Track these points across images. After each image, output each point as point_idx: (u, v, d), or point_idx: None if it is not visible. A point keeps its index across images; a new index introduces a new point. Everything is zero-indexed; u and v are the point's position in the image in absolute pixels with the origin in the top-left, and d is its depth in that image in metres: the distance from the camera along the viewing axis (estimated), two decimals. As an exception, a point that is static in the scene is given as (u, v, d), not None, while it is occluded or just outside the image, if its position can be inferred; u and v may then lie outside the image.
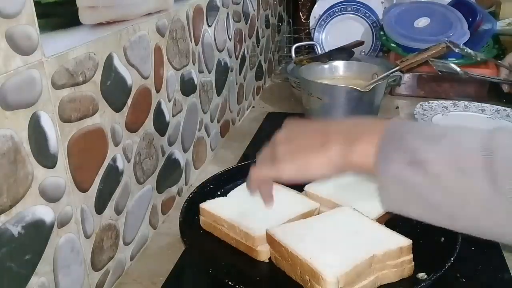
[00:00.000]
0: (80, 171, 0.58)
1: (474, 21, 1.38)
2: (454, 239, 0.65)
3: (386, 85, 1.10)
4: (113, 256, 0.68)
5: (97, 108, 0.61)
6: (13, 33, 0.46)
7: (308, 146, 0.58)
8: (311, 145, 0.58)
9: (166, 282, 0.69)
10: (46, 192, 0.52)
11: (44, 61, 0.50)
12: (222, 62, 1.07)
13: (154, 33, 0.74)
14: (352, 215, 0.67)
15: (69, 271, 0.58)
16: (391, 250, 0.59)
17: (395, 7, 1.47)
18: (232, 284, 0.57)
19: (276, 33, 1.61)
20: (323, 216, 0.69)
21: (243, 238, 0.66)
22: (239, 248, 0.67)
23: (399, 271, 0.60)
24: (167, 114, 0.81)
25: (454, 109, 1.25)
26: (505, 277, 0.69)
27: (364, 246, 0.59)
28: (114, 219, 0.67)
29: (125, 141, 0.68)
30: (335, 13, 1.57)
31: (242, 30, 1.21)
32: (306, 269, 0.57)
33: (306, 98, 1.09)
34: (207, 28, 0.97)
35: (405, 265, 0.60)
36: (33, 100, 0.49)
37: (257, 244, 0.65)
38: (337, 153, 0.55)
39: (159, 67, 0.77)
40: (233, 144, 1.13)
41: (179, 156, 0.88)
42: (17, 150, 0.48)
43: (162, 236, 0.80)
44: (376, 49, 1.56)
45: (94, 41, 0.59)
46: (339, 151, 0.55)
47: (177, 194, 0.89)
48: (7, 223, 0.47)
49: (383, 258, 0.59)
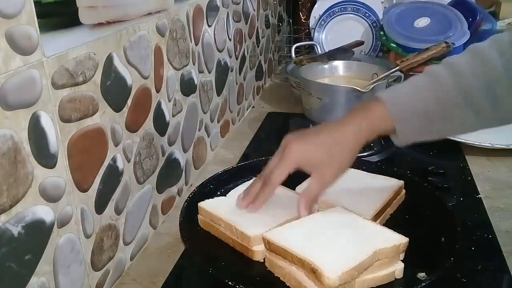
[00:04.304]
0: (80, 171, 0.58)
1: (474, 21, 1.38)
2: (454, 239, 0.65)
3: (386, 85, 1.10)
4: (113, 256, 0.68)
5: (97, 108, 0.61)
6: (13, 33, 0.46)
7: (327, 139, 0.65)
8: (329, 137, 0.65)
9: (166, 282, 0.69)
10: (46, 192, 0.52)
11: (44, 61, 0.50)
12: (222, 62, 1.07)
13: (154, 33, 0.74)
14: (345, 214, 0.68)
15: (69, 271, 0.58)
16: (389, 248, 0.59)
17: (395, 7, 1.47)
18: (232, 284, 0.57)
19: (276, 33, 1.61)
20: (315, 216, 0.68)
21: (239, 237, 0.66)
22: (235, 247, 0.67)
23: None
24: (167, 114, 0.81)
25: (454, 109, 1.25)
26: (505, 277, 0.69)
27: (364, 244, 0.59)
28: (114, 219, 0.67)
29: (125, 141, 0.68)
30: (335, 13, 1.57)
31: (242, 30, 1.21)
32: (308, 269, 0.57)
33: (306, 98, 1.09)
34: (207, 28, 0.97)
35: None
36: (33, 100, 0.49)
37: (253, 244, 0.65)
38: (356, 128, 0.64)
39: (159, 67, 0.77)
40: (233, 144, 1.13)
41: (179, 156, 0.88)
42: (17, 150, 0.48)
43: (162, 236, 0.80)
44: (376, 49, 1.56)
45: (94, 41, 0.59)
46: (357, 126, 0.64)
47: (177, 194, 0.89)
48: (7, 223, 0.47)
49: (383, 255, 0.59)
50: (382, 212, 0.72)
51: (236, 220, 0.67)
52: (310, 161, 0.65)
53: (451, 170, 0.96)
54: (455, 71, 0.62)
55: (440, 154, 1.04)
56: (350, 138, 0.64)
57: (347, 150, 0.65)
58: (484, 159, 1.02)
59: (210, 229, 0.71)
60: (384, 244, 0.59)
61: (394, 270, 0.60)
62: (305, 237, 0.62)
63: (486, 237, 0.76)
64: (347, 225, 0.65)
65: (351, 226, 0.64)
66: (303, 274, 0.58)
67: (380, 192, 0.75)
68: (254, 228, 0.65)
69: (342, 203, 0.71)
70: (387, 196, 0.74)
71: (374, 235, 0.62)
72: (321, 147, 0.65)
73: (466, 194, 0.89)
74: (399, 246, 0.60)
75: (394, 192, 0.76)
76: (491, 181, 0.93)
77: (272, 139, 1.15)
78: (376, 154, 1.02)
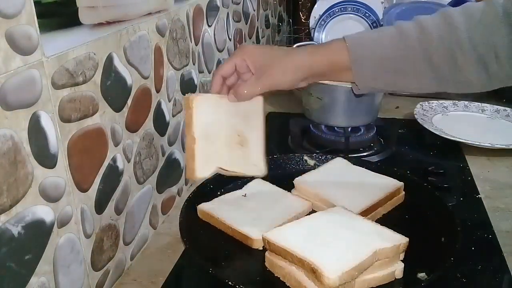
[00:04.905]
0: (80, 171, 0.58)
1: (474, 21, 1.38)
2: (454, 239, 0.65)
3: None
4: (113, 256, 0.68)
5: (97, 108, 0.61)
6: (13, 33, 0.46)
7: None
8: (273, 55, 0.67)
9: (166, 282, 0.69)
10: (46, 192, 0.52)
11: (44, 61, 0.50)
12: (222, 62, 1.07)
13: (154, 33, 0.74)
14: (345, 214, 0.68)
15: (69, 271, 0.58)
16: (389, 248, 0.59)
17: (395, 7, 1.47)
18: (232, 284, 0.57)
19: (276, 33, 1.61)
20: (315, 216, 0.69)
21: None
22: (234, 236, 0.69)
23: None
24: (167, 114, 0.81)
25: (454, 109, 1.25)
26: (505, 277, 0.69)
27: (364, 244, 0.59)
28: (114, 219, 0.67)
29: (125, 141, 0.68)
30: (335, 13, 1.57)
31: (242, 30, 1.21)
32: (308, 269, 0.57)
33: (306, 98, 1.09)
34: (207, 28, 0.97)
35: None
36: (33, 100, 0.49)
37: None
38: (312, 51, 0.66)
39: (159, 67, 0.77)
40: (233, 144, 1.13)
41: (179, 156, 0.88)
42: (17, 150, 0.48)
43: (162, 236, 0.80)
44: (376, 49, 1.56)
45: (94, 41, 0.59)
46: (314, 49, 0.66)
47: (177, 194, 0.89)
48: (7, 223, 0.47)
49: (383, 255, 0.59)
50: (372, 210, 0.73)
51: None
52: (256, 60, 0.66)
53: (451, 170, 0.96)
54: (422, 28, 0.63)
55: (440, 154, 1.04)
56: (302, 55, 0.66)
57: (295, 64, 0.66)
58: (484, 159, 1.02)
59: (210, 219, 0.73)
60: (384, 244, 0.60)
61: (394, 270, 0.60)
62: (305, 237, 0.62)
63: (486, 237, 0.76)
64: (347, 225, 0.65)
65: (351, 226, 0.64)
66: (303, 274, 0.58)
67: (374, 190, 0.75)
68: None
69: (334, 196, 0.72)
70: (380, 195, 0.74)
71: (374, 235, 0.62)
72: (271, 53, 0.67)
73: (466, 194, 0.89)
74: (399, 246, 0.60)
75: (389, 192, 0.76)
76: (491, 181, 0.93)
77: (272, 139, 1.15)
78: (376, 154, 1.02)
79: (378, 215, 0.74)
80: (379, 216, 0.75)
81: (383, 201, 0.75)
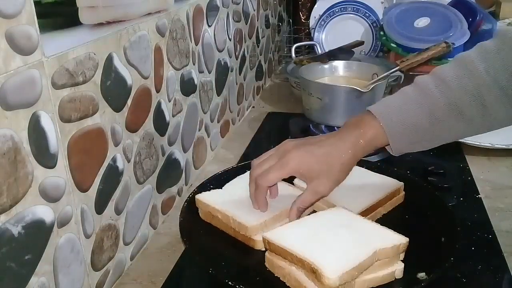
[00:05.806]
0: (80, 171, 0.58)
1: (474, 21, 1.38)
2: (454, 239, 0.65)
3: (386, 85, 1.10)
4: (113, 256, 0.68)
5: (97, 108, 0.61)
6: (13, 33, 0.46)
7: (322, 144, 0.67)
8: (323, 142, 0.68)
9: (166, 282, 0.69)
10: (46, 192, 0.52)
11: (44, 61, 0.50)
12: (222, 62, 1.07)
13: (154, 33, 0.74)
14: (345, 214, 0.68)
15: (69, 271, 0.58)
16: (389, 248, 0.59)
17: (395, 7, 1.47)
18: (232, 284, 0.57)
19: (276, 33, 1.61)
20: (315, 216, 0.69)
21: (237, 228, 0.68)
22: (237, 237, 0.69)
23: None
24: (167, 114, 0.81)
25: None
26: (505, 277, 0.69)
27: (364, 244, 0.59)
28: (114, 219, 0.67)
29: (125, 141, 0.68)
30: (335, 13, 1.57)
31: (242, 30, 1.21)
32: (308, 269, 0.57)
33: (306, 98, 1.09)
34: (207, 28, 0.97)
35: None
36: (33, 100, 0.49)
37: (252, 234, 0.67)
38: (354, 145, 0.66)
39: (159, 67, 0.77)
40: (233, 144, 1.13)
41: (179, 156, 0.88)
42: (17, 150, 0.48)
43: (162, 236, 0.80)
44: (376, 49, 1.56)
45: (94, 41, 0.59)
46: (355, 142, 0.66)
47: (177, 194, 0.89)
48: (7, 223, 0.47)
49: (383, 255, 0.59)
50: (372, 210, 0.73)
51: (234, 212, 0.69)
52: (308, 172, 0.66)
53: (451, 170, 0.96)
54: (442, 83, 0.64)
55: (440, 154, 1.04)
56: (348, 154, 0.66)
57: (345, 165, 0.67)
58: (484, 159, 1.02)
59: (211, 220, 0.72)
60: (384, 244, 0.59)
61: (394, 270, 0.60)
62: (305, 237, 0.62)
63: (486, 237, 0.76)
64: (347, 225, 0.65)
65: (351, 226, 0.64)
66: (303, 274, 0.58)
67: (374, 190, 0.75)
68: (252, 218, 0.67)
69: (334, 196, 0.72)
70: (380, 195, 0.74)
71: (374, 235, 0.62)
72: (320, 159, 0.66)
73: (466, 194, 0.89)
74: (399, 246, 0.60)
75: (390, 192, 0.76)
76: (491, 181, 0.93)
77: (272, 139, 1.15)
78: (376, 154, 1.02)
79: (378, 215, 0.74)
80: (379, 216, 0.75)
81: (383, 201, 0.75)
